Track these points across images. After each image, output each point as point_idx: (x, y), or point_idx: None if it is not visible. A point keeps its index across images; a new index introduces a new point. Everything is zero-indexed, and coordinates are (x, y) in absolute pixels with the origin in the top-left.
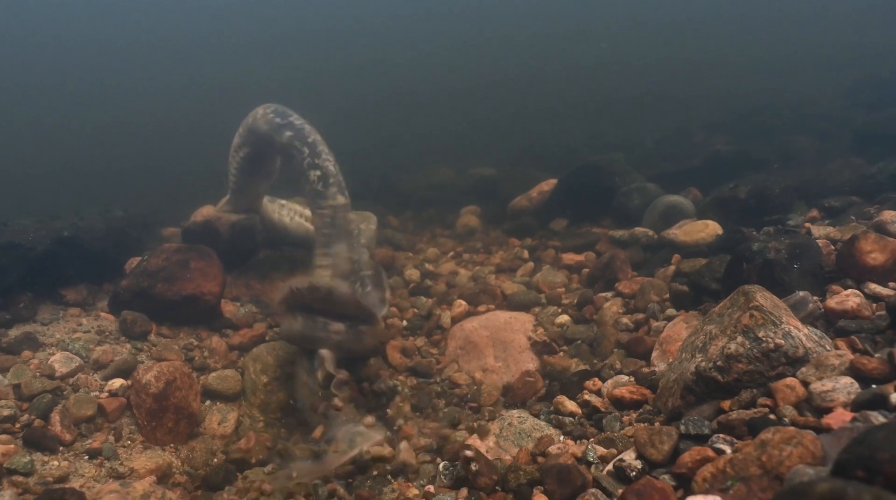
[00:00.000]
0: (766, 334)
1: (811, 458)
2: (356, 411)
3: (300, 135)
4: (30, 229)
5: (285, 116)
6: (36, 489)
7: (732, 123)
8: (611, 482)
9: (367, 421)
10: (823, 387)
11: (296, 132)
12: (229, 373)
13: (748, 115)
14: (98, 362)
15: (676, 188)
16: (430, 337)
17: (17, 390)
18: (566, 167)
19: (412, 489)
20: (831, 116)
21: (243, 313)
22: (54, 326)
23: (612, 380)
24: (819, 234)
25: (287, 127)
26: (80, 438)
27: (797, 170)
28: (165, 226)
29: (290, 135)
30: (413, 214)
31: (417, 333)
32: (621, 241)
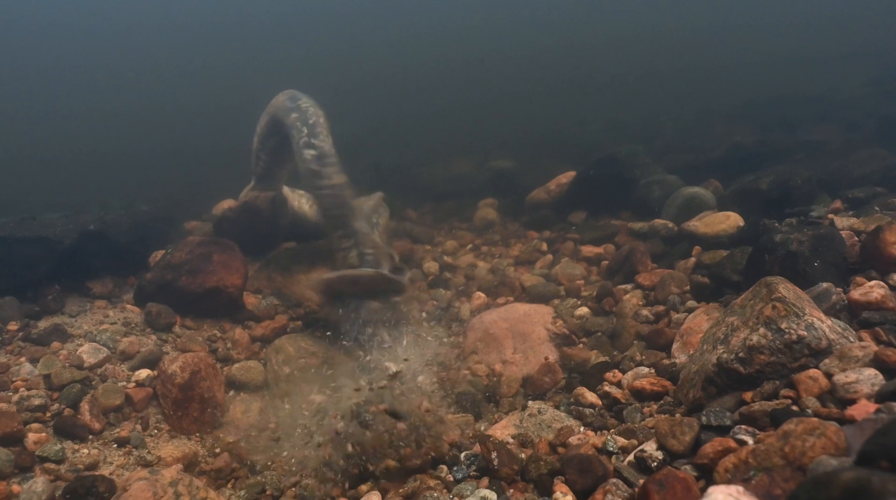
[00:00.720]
0: (788, 326)
1: (834, 449)
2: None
3: (303, 116)
4: (57, 223)
5: (295, 99)
6: (67, 477)
7: (754, 113)
8: (632, 473)
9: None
10: (847, 378)
11: (300, 114)
12: (252, 364)
13: (770, 104)
14: (125, 353)
15: (697, 180)
16: (449, 329)
17: (48, 380)
18: (585, 159)
19: (430, 480)
20: (856, 105)
21: (265, 305)
22: (82, 317)
23: (632, 372)
24: (843, 225)
25: (294, 109)
26: (109, 427)
27: (820, 160)
28: (188, 219)
29: (294, 116)
30: (431, 206)
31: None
32: (641, 233)
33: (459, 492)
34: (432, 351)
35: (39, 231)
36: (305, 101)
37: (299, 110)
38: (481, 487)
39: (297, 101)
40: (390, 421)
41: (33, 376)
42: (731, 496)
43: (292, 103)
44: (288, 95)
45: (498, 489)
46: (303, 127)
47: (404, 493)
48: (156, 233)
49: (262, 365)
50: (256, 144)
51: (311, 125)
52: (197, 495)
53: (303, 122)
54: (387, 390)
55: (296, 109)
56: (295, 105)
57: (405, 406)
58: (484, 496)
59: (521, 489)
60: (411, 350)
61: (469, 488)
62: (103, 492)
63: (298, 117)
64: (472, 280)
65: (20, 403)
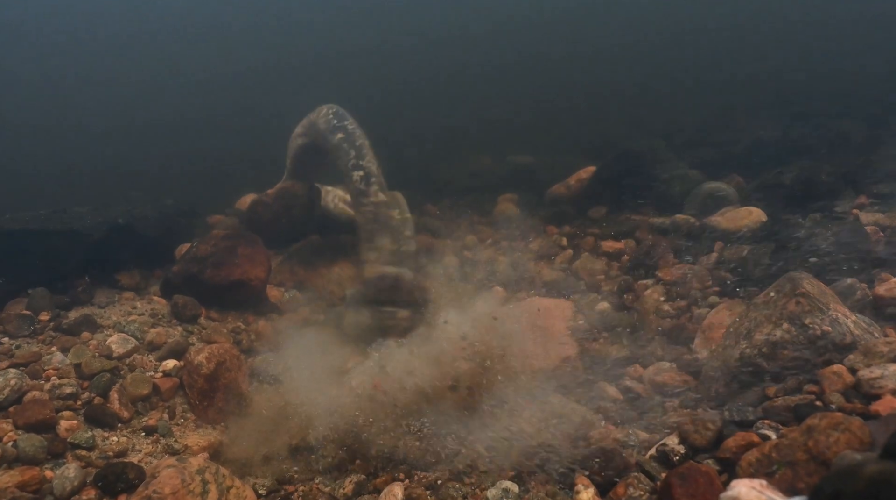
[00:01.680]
0: (812, 321)
1: (859, 444)
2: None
3: (350, 138)
4: (87, 217)
5: (342, 118)
6: (98, 463)
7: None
8: (654, 467)
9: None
10: (872, 374)
11: (346, 135)
12: (276, 356)
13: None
14: (152, 344)
15: (719, 174)
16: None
17: (78, 370)
18: (604, 154)
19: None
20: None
21: (288, 297)
22: (110, 308)
23: (653, 366)
24: (868, 220)
25: (340, 129)
26: (137, 415)
27: (844, 155)
28: (211, 214)
29: (340, 137)
30: (451, 202)
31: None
32: (662, 228)
33: (481, 483)
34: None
35: (70, 224)
36: (351, 122)
37: (346, 131)
38: (503, 478)
39: (343, 121)
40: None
41: (64, 365)
42: (755, 490)
43: (339, 122)
44: (333, 110)
45: (520, 481)
46: (350, 149)
47: (427, 483)
48: (181, 226)
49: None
50: (291, 140)
51: (358, 147)
52: (223, 483)
53: (350, 144)
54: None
55: (342, 129)
56: (341, 125)
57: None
58: (506, 487)
59: (542, 482)
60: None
61: (491, 478)
62: (133, 479)
63: (345, 139)
64: (491, 275)
65: (52, 391)
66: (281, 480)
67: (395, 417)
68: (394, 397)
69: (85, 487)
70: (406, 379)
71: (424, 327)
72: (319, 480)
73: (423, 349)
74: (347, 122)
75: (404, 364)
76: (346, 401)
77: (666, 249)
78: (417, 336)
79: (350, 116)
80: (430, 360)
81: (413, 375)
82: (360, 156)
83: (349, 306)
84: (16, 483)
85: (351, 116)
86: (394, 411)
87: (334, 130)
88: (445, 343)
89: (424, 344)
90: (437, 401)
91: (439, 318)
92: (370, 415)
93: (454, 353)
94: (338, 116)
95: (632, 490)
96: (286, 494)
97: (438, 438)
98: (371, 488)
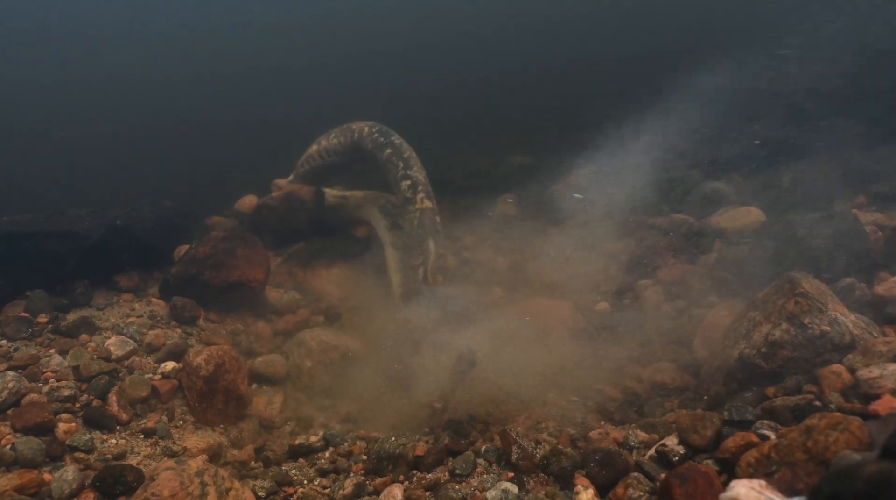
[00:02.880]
0: (811, 321)
1: (858, 444)
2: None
3: (398, 151)
4: (85, 218)
5: (387, 135)
6: (97, 466)
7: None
8: (653, 467)
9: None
10: (871, 374)
11: (394, 150)
12: (274, 357)
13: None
14: (151, 346)
15: (718, 175)
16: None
17: (76, 372)
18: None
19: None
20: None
21: (287, 299)
22: (109, 310)
23: (653, 366)
24: (866, 220)
25: (388, 145)
26: (136, 418)
27: (844, 155)
28: (209, 215)
29: (389, 152)
30: (450, 202)
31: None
32: (661, 228)
33: (481, 484)
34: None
35: (68, 226)
36: (397, 137)
37: (393, 146)
38: (503, 479)
39: (390, 137)
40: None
41: (63, 368)
42: (754, 490)
43: (385, 139)
44: (376, 128)
45: (519, 482)
46: (398, 161)
47: (426, 484)
48: (179, 228)
49: (285, 359)
50: (317, 153)
51: (406, 159)
52: (222, 485)
53: (398, 157)
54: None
55: (389, 145)
56: (388, 141)
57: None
58: (506, 488)
59: (542, 482)
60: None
61: (491, 480)
62: (131, 481)
63: (393, 153)
64: (491, 275)
65: (50, 394)
66: (280, 481)
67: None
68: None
69: (83, 489)
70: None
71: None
72: (319, 481)
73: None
74: (393, 137)
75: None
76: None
77: (665, 248)
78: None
79: (394, 132)
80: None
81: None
82: (408, 166)
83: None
84: (14, 486)
85: (395, 133)
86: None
87: (382, 147)
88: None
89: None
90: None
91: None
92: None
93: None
94: (383, 134)
95: (631, 491)
96: (285, 495)
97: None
98: (371, 489)
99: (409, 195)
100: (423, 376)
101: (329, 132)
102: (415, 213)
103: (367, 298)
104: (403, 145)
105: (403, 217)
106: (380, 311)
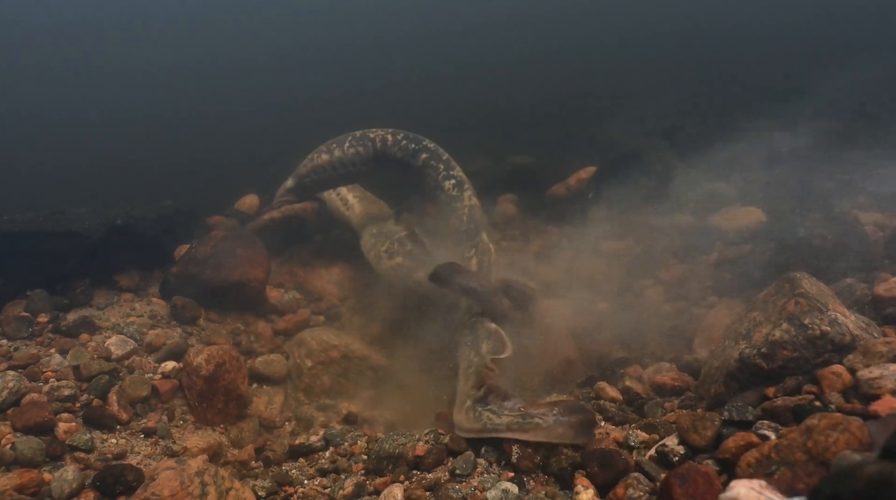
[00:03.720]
0: (811, 321)
1: (858, 444)
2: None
3: (435, 154)
4: (85, 218)
5: (418, 141)
6: (97, 465)
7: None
8: (653, 467)
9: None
10: (871, 374)
11: (430, 154)
12: (275, 357)
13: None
14: (151, 346)
15: (719, 175)
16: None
17: (77, 371)
18: (605, 155)
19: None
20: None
21: (287, 299)
22: (109, 310)
23: (653, 367)
24: (867, 220)
25: (423, 150)
26: (136, 417)
27: (845, 155)
28: (210, 214)
29: (425, 157)
30: None
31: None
32: (662, 228)
33: (481, 484)
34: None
35: (68, 225)
36: (429, 142)
37: (428, 151)
38: (503, 479)
39: (422, 142)
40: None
41: (63, 367)
42: (754, 491)
43: (416, 145)
44: (401, 135)
45: (520, 482)
46: (438, 164)
47: (426, 484)
48: (180, 227)
49: (285, 358)
50: (329, 164)
51: (445, 161)
52: (222, 485)
53: (437, 159)
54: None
55: (423, 149)
56: (421, 146)
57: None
58: (506, 488)
59: (542, 483)
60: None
61: (491, 479)
62: (131, 481)
63: (430, 157)
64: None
65: (50, 393)
66: (280, 481)
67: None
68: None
69: (84, 489)
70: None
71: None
72: (319, 481)
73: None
74: (426, 142)
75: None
76: None
77: (666, 248)
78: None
79: (422, 136)
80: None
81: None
82: (449, 167)
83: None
84: (14, 486)
85: (423, 137)
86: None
87: (416, 153)
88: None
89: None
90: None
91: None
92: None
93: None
94: (412, 140)
95: (631, 491)
96: (286, 495)
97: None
98: (371, 489)
99: (455, 194)
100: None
101: (340, 141)
102: (464, 209)
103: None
104: (439, 148)
105: (451, 215)
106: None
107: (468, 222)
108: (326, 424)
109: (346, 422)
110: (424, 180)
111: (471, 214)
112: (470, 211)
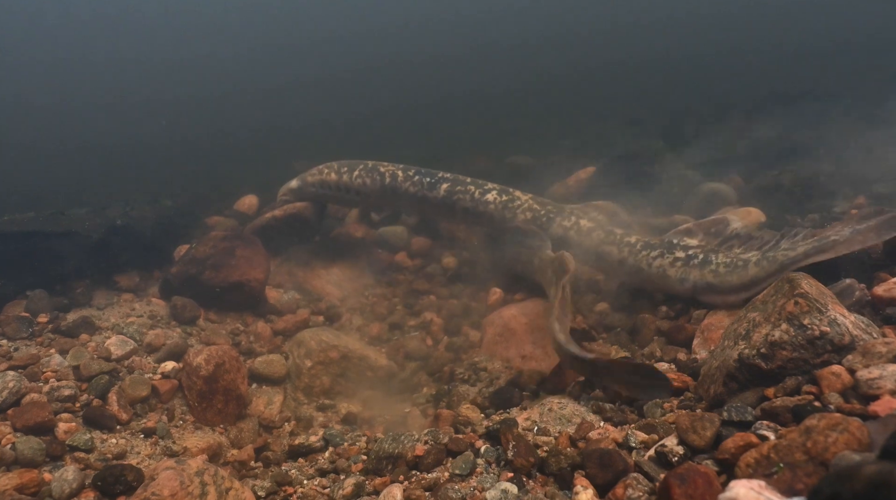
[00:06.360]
0: (811, 322)
1: (857, 444)
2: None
3: (456, 181)
4: (85, 218)
5: (432, 174)
6: (96, 465)
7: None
8: (652, 468)
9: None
10: (870, 374)
11: (452, 182)
12: (274, 357)
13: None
14: (151, 346)
15: (718, 175)
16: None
17: (77, 371)
18: (603, 155)
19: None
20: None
21: (287, 299)
22: (109, 310)
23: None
24: None
25: (441, 181)
26: (136, 417)
27: (843, 155)
28: (209, 215)
29: (447, 187)
30: None
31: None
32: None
33: (481, 484)
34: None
35: (68, 226)
36: (442, 173)
37: (447, 180)
38: (503, 479)
39: (436, 174)
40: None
41: (63, 368)
42: (753, 491)
43: (432, 179)
44: (412, 171)
45: (519, 483)
46: (466, 187)
47: (426, 484)
48: (180, 228)
49: (284, 359)
50: (335, 184)
51: (472, 181)
52: (222, 485)
53: (462, 184)
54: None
55: (443, 180)
56: (440, 178)
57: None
58: (505, 488)
59: (541, 483)
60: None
61: (490, 480)
62: (131, 481)
63: (453, 183)
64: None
65: (50, 393)
66: (280, 481)
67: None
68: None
69: (83, 489)
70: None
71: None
72: (318, 481)
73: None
74: (441, 173)
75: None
76: None
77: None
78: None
79: (435, 170)
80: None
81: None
82: (480, 184)
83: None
84: (14, 486)
85: (436, 170)
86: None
87: (434, 186)
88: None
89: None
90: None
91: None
92: None
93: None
94: (425, 174)
95: (631, 491)
96: (285, 495)
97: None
98: (370, 489)
99: (505, 199)
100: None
101: (352, 167)
102: (524, 205)
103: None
104: (458, 176)
105: (513, 214)
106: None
107: (540, 208)
108: (326, 424)
109: (346, 422)
110: (454, 208)
111: (532, 203)
112: (531, 201)
